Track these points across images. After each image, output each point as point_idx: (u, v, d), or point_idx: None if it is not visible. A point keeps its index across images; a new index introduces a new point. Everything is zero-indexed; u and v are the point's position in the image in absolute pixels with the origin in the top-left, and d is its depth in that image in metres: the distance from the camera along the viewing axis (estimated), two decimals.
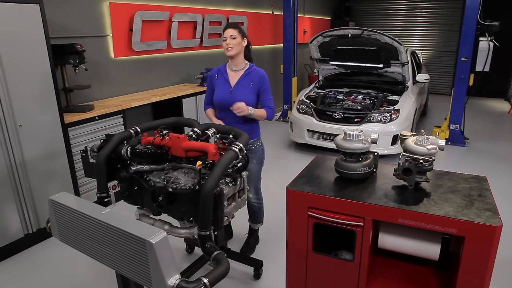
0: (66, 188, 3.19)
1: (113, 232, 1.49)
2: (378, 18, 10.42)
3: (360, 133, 1.66)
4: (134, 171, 1.99)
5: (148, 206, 2.05)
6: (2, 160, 2.73)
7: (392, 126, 4.68)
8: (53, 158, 3.07)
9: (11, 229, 2.86)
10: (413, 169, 1.55)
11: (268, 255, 2.82)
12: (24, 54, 2.75)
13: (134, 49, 4.25)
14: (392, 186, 1.62)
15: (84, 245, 1.68)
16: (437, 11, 9.67)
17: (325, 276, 1.65)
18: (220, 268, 1.54)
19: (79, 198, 1.80)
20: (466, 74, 5.30)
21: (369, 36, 4.94)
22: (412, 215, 1.40)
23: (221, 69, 2.67)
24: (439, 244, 1.51)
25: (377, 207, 1.45)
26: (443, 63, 9.80)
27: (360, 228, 1.49)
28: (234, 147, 1.77)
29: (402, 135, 1.69)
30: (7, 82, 2.67)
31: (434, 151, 1.53)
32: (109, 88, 4.13)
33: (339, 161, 1.70)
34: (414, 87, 5.55)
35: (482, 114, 7.56)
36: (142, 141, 2.08)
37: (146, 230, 1.43)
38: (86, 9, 3.79)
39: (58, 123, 3.06)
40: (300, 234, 1.62)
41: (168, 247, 1.40)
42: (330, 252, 1.68)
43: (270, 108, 2.60)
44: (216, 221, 1.79)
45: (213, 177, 1.64)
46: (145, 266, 1.41)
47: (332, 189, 1.60)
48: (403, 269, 1.74)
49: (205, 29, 5.24)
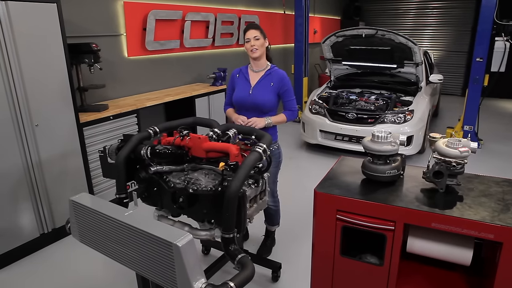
0: (80, 188, 3.19)
1: (137, 234, 1.46)
2: (388, 18, 10.33)
3: (389, 135, 1.62)
4: (153, 171, 1.96)
5: (167, 207, 2.03)
6: (19, 159, 2.72)
7: (406, 127, 4.62)
8: (69, 157, 3.06)
9: (27, 229, 2.85)
10: (445, 172, 1.51)
11: (284, 257, 2.79)
12: (41, 53, 2.75)
13: (148, 49, 4.24)
14: (422, 189, 1.58)
15: (104, 247, 1.66)
16: (448, 10, 9.56)
17: (352, 280, 1.61)
18: (245, 271, 1.51)
19: (100, 199, 1.77)
20: (481, 75, 5.22)
21: (383, 36, 4.88)
22: (446, 220, 1.35)
23: (243, 69, 2.64)
24: (472, 249, 1.47)
25: (410, 211, 1.41)
26: (454, 63, 9.68)
27: (390, 232, 1.46)
28: (258, 148, 1.73)
29: (431, 137, 1.65)
30: (25, 81, 2.67)
31: (467, 154, 1.49)
32: (123, 88, 4.13)
33: (367, 163, 1.66)
34: (428, 88, 5.48)
35: (495, 115, 7.45)
36: (162, 141, 2.05)
37: (172, 232, 1.41)
38: (100, 8, 3.78)
39: (73, 122, 3.05)
40: (327, 238, 1.58)
41: (194, 250, 1.38)
42: (354, 256, 1.64)
43: (292, 109, 2.57)
44: (239, 224, 1.76)
45: (238, 178, 1.61)
46: (171, 269, 1.39)
47: (361, 192, 1.57)
48: (430, 274, 1.69)
49: (217, 29, 5.22)
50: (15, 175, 2.72)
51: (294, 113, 2.58)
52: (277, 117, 2.51)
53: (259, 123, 2.41)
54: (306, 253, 2.90)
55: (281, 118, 2.53)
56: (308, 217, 3.53)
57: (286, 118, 2.54)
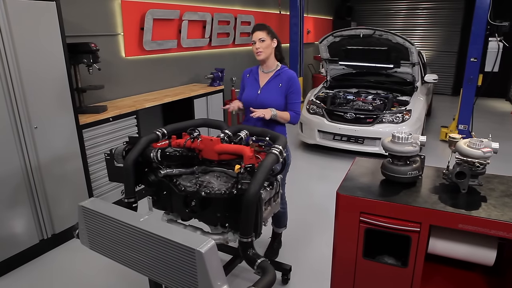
0: (80, 192, 3.10)
1: (154, 241, 1.41)
2: (379, 18, 10.43)
3: (409, 136, 1.61)
4: (163, 175, 1.91)
5: (178, 211, 1.98)
6: (18, 163, 2.63)
7: (404, 126, 4.65)
8: (68, 160, 2.97)
9: (26, 235, 2.75)
10: (467, 172, 1.50)
11: (292, 259, 2.76)
12: (40, 53, 2.65)
13: (145, 49, 4.16)
14: (444, 190, 1.57)
15: (117, 253, 1.60)
16: (437, 11, 9.70)
17: (374, 283, 1.59)
18: (267, 276, 1.48)
19: (111, 204, 1.71)
20: (475, 75, 5.29)
21: (381, 36, 4.91)
22: (473, 221, 1.34)
23: (254, 69, 2.60)
24: (495, 249, 1.46)
25: (436, 212, 1.39)
26: (444, 63, 9.82)
27: (416, 234, 1.44)
28: (274, 150, 1.70)
29: (451, 138, 1.64)
30: (23, 82, 2.57)
31: (490, 154, 1.49)
32: (120, 88, 4.04)
33: (387, 164, 1.64)
34: (423, 88, 5.53)
35: (486, 114, 7.58)
36: (172, 143, 2.00)
37: (193, 238, 1.36)
38: (97, 7, 3.69)
39: (73, 124, 2.96)
40: (350, 240, 1.56)
41: (217, 255, 1.34)
42: (373, 257, 1.62)
43: (296, 112, 2.51)
44: (255, 227, 1.73)
45: (257, 181, 1.57)
46: (192, 276, 1.34)
47: (383, 193, 1.55)
48: (450, 274, 1.69)
49: (214, 29, 5.17)
50: (14, 179, 2.62)
51: (297, 116, 2.51)
52: (283, 112, 2.45)
53: (266, 114, 2.35)
54: (313, 254, 2.90)
55: (286, 115, 2.46)
56: (310, 217, 3.54)
57: (290, 117, 2.48)
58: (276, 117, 2.41)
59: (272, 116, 2.39)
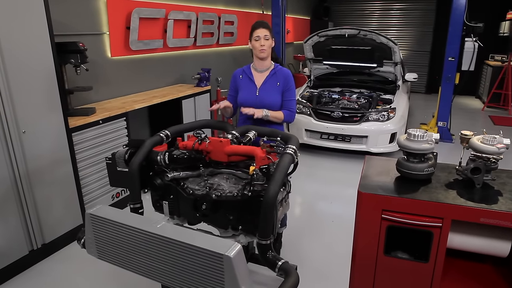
0: (71, 198, 2.96)
1: (175, 247, 1.36)
2: (355, 18, 10.65)
3: (425, 133, 1.64)
4: (171, 178, 1.85)
5: (186, 215, 1.92)
6: (6, 171, 2.47)
7: (389, 124, 4.77)
8: (58, 166, 2.82)
9: (15, 247, 2.59)
10: (482, 168, 1.55)
11: (294, 259, 2.75)
12: (27, 53, 2.50)
13: (132, 48, 4.03)
14: (459, 186, 1.61)
15: (129, 262, 1.53)
16: (410, 12, 10.03)
17: (395, 279, 1.61)
18: (291, 278, 1.46)
19: (122, 211, 1.63)
20: (453, 73, 5.51)
21: (365, 36, 5.01)
22: (495, 214, 1.39)
23: (245, 69, 2.55)
24: (510, 241, 1.52)
25: (458, 207, 1.43)
26: (418, 62, 10.16)
27: (437, 229, 1.47)
28: (289, 150, 1.69)
29: (463, 134, 1.68)
30: (10, 84, 2.42)
31: (503, 150, 1.54)
32: (107, 89, 3.89)
33: (403, 161, 1.66)
34: (403, 86, 5.70)
35: (459, 111, 7.91)
36: (179, 145, 1.94)
37: (218, 243, 1.32)
38: (81, 5, 3.53)
39: (62, 128, 2.81)
40: (371, 238, 1.57)
41: (244, 260, 1.31)
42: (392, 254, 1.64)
43: (291, 110, 2.49)
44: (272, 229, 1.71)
45: (275, 183, 1.56)
46: (219, 282, 1.30)
47: (403, 190, 1.57)
48: (464, 267, 1.74)
49: (198, 28, 5.08)
50: (0, 187, 2.46)
51: (292, 114, 2.49)
52: (276, 112, 2.42)
53: (258, 113, 2.31)
54: (315, 253, 2.91)
55: (279, 114, 2.43)
56: (305, 216, 3.55)
57: (283, 116, 2.45)
58: (268, 117, 2.38)
59: (263, 117, 2.36)
